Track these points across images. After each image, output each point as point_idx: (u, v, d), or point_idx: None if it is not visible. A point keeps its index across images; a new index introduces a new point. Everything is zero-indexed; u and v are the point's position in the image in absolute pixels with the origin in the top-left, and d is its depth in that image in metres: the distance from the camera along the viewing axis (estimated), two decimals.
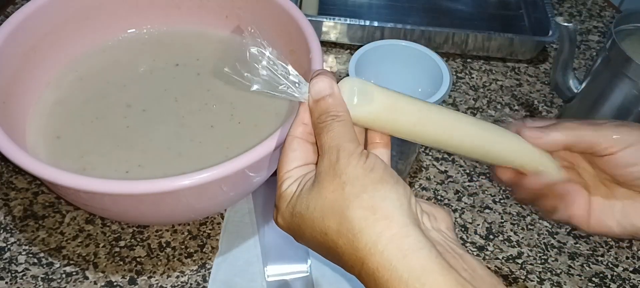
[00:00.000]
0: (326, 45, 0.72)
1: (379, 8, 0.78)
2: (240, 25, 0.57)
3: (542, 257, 0.53)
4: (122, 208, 0.43)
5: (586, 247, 0.54)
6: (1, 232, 0.50)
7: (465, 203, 0.56)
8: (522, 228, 0.55)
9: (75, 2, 0.53)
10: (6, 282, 0.47)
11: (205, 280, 0.48)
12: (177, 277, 0.48)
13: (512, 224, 0.55)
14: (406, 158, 0.55)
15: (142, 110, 0.51)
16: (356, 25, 0.68)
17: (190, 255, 0.50)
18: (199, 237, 0.51)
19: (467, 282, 0.29)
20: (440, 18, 0.78)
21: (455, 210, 0.56)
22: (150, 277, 0.48)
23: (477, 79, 0.69)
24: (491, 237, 0.54)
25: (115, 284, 0.48)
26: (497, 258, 0.53)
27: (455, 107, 0.65)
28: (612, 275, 0.52)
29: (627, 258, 0.54)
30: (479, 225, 0.55)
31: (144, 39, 0.58)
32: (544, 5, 0.73)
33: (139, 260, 0.49)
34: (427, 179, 0.58)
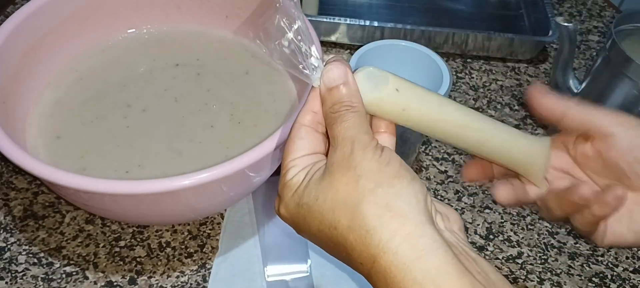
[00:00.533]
0: (326, 45, 0.72)
1: (379, 8, 0.78)
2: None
3: (542, 257, 0.53)
4: (122, 208, 0.43)
5: (586, 247, 0.54)
6: (1, 232, 0.50)
7: (465, 203, 0.56)
8: (522, 228, 0.55)
9: (75, 2, 0.53)
10: (6, 282, 0.47)
11: (205, 280, 0.48)
12: (177, 277, 0.48)
13: (512, 224, 0.55)
14: (406, 158, 0.55)
15: (142, 110, 0.51)
16: (356, 25, 0.68)
17: (190, 255, 0.50)
18: (199, 237, 0.51)
19: (482, 286, 0.27)
20: (440, 18, 0.78)
21: (455, 210, 0.56)
22: (150, 277, 0.48)
23: (477, 79, 0.69)
24: (491, 237, 0.54)
25: (115, 284, 0.48)
26: (497, 258, 0.53)
27: None
28: (612, 275, 0.52)
29: (627, 258, 0.54)
30: (479, 225, 0.55)
31: (144, 39, 0.58)
32: (544, 5, 0.73)
33: (139, 260, 0.49)
34: (427, 179, 0.58)
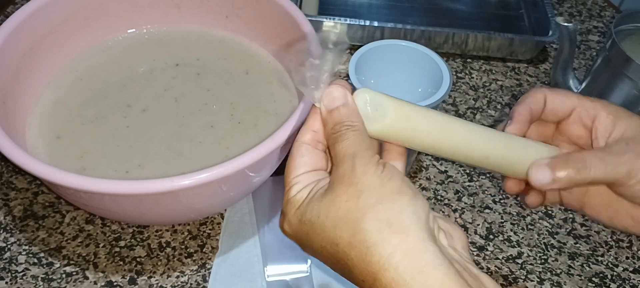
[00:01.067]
0: None
1: (379, 8, 0.78)
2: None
3: (542, 257, 0.53)
4: (122, 208, 0.43)
5: (586, 247, 0.54)
6: (1, 232, 0.50)
7: (465, 203, 0.56)
8: (522, 228, 0.55)
9: (75, 2, 0.53)
10: (6, 282, 0.47)
11: (205, 280, 0.48)
12: (177, 277, 0.48)
13: (512, 224, 0.55)
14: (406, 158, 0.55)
15: (142, 110, 0.51)
16: (356, 25, 0.68)
17: (190, 255, 0.50)
18: (199, 237, 0.51)
19: None
20: (440, 18, 0.78)
21: (455, 210, 0.56)
22: (150, 277, 0.48)
23: (477, 79, 0.69)
24: (491, 237, 0.54)
25: (115, 284, 0.48)
26: (497, 258, 0.53)
27: (455, 107, 0.65)
28: (612, 275, 0.52)
29: (627, 258, 0.54)
30: (479, 225, 0.55)
31: (144, 39, 0.58)
32: (544, 5, 0.73)
33: (139, 260, 0.49)
34: (427, 179, 0.58)
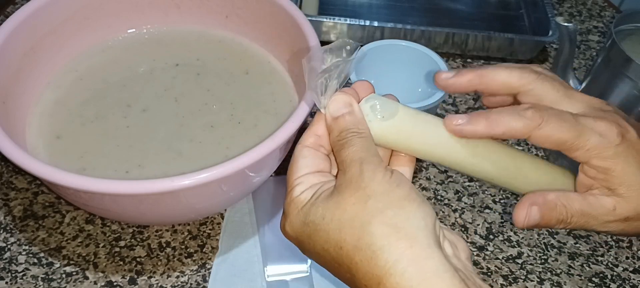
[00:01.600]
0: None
1: (379, 8, 0.78)
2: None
3: (542, 257, 0.53)
4: (122, 208, 0.43)
5: (586, 247, 0.54)
6: (1, 232, 0.50)
7: (465, 203, 0.56)
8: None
9: (75, 2, 0.53)
10: (6, 282, 0.47)
11: (205, 280, 0.48)
12: (177, 277, 0.48)
13: (512, 224, 0.55)
14: None
15: (142, 110, 0.51)
16: (356, 25, 0.68)
17: (190, 255, 0.50)
18: (199, 237, 0.51)
19: None
20: (440, 18, 0.78)
21: (455, 210, 0.56)
22: (150, 277, 0.48)
23: None
24: (491, 237, 0.54)
25: (115, 284, 0.48)
26: (497, 258, 0.53)
27: (455, 107, 0.65)
28: (612, 275, 0.52)
29: (627, 258, 0.54)
30: (479, 225, 0.55)
31: (144, 39, 0.58)
32: (544, 5, 0.73)
33: (139, 260, 0.49)
34: (427, 179, 0.58)
